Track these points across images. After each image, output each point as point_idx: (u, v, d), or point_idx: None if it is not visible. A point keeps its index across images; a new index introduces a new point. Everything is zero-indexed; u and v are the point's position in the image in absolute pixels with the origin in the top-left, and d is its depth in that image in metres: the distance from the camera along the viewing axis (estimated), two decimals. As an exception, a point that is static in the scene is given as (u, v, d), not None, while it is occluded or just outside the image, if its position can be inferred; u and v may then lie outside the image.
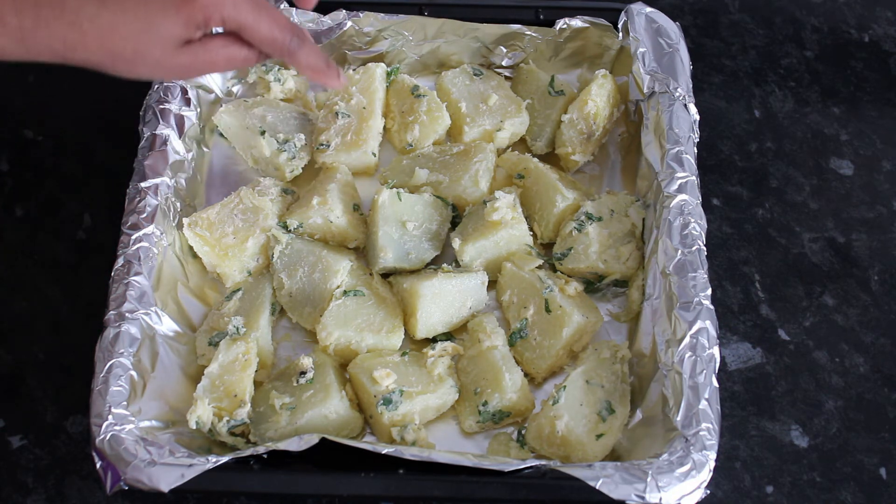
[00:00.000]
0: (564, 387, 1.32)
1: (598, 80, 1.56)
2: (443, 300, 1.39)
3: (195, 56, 1.16)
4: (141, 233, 1.37)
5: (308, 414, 1.29)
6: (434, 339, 1.41)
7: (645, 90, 1.51)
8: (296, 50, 1.21)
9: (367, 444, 1.20)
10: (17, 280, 1.50)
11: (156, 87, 1.51)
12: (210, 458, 1.18)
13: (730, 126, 1.70)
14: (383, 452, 1.19)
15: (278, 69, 1.62)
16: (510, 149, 1.59)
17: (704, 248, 1.36)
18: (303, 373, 1.33)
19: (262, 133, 1.52)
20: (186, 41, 1.14)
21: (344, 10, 1.61)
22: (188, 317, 1.41)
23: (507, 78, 1.67)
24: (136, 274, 1.34)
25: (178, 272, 1.43)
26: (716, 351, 1.28)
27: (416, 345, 1.41)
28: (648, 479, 1.16)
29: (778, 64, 1.77)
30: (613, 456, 1.30)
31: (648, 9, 1.57)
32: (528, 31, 1.63)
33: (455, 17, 1.62)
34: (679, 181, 1.41)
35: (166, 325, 1.36)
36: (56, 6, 1.08)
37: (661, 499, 1.16)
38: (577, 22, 1.61)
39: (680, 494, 1.16)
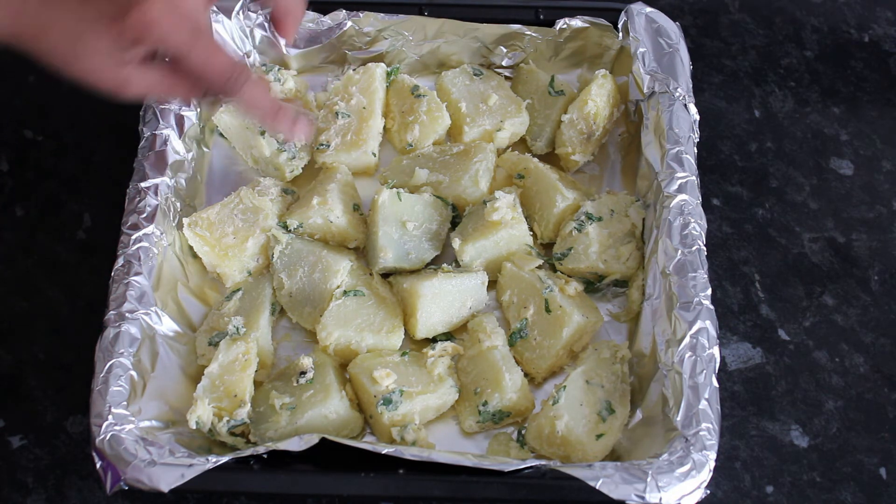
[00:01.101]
0: (564, 387, 1.32)
1: (598, 80, 1.56)
2: (443, 300, 1.39)
3: (136, 76, 1.13)
4: (141, 233, 1.37)
5: (308, 414, 1.29)
6: (434, 339, 1.41)
7: (645, 90, 1.51)
8: (232, 90, 1.14)
9: (367, 444, 1.20)
10: (17, 280, 1.50)
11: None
12: (210, 458, 1.18)
13: (730, 126, 1.70)
14: (383, 452, 1.19)
15: (278, 69, 1.62)
16: (510, 149, 1.59)
17: (704, 248, 1.36)
18: (303, 373, 1.33)
19: (262, 133, 1.52)
20: (129, 58, 1.12)
21: (344, 10, 1.61)
22: (188, 317, 1.41)
23: (507, 78, 1.67)
24: (136, 274, 1.34)
25: (178, 272, 1.43)
26: (716, 351, 1.28)
27: (416, 345, 1.41)
28: (648, 479, 1.16)
29: (778, 64, 1.77)
30: (613, 456, 1.30)
31: (648, 9, 1.57)
32: (528, 31, 1.62)
33: (455, 17, 1.62)
34: (679, 181, 1.41)
35: (166, 325, 1.36)
36: None
37: (661, 499, 1.16)
38: (577, 22, 1.61)
39: (680, 494, 1.16)
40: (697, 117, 1.49)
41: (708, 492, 1.19)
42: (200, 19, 1.13)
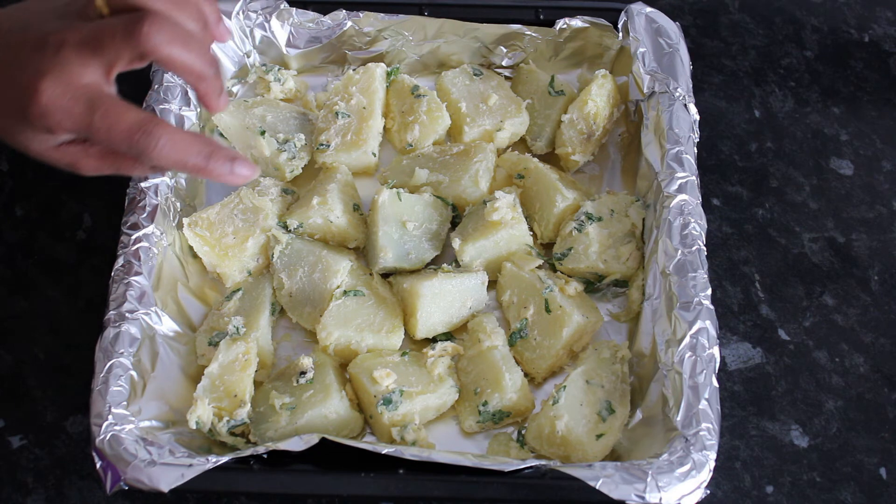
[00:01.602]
0: (564, 387, 1.32)
1: (598, 80, 1.56)
2: (443, 300, 1.39)
3: (79, 156, 1.10)
4: (141, 233, 1.37)
5: (308, 414, 1.29)
6: (434, 339, 1.41)
7: (645, 90, 1.52)
8: (143, 154, 1.04)
9: (367, 444, 1.21)
10: (17, 280, 1.50)
11: (156, 87, 1.51)
12: (210, 458, 1.18)
13: (730, 126, 1.70)
14: (383, 452, 1.19)
15: (278, 69, 1.62)
16: (510, 149, 1.59)
17: (704, 248, 1.36)
18: (303, 373, 1.33)
19: (262, 133, 1.52)
20: (58, 143, 1.08)
21: (344, 10, 1.61)
22: (188, 317, 1.41)
23: (507, 78, 1.67)
24: (136, 274, 1.34)
25: (178, 272, 1.43)
26: (716, 351, 1.28)
27: (416, 345, 1.41)
28: (648, 479, 1.16)
29: (778, 64, 1.77)
30: (613, 456, 1.30)
31: (648, 9, 1.58)
32: (528, 31, 1.63)
33: (455, 17, 1.62)
34: (679, 181, 1.41)
35: (166, 325, 1.36)
36: None
37: (661, 499, 1.16)
38: (577, 22, 1.61)
39: (680, 494, 1.16)
40: (697, 117, 1.49)
41: (708, 492, 1.19)
42: (100, 90, 1.05)
